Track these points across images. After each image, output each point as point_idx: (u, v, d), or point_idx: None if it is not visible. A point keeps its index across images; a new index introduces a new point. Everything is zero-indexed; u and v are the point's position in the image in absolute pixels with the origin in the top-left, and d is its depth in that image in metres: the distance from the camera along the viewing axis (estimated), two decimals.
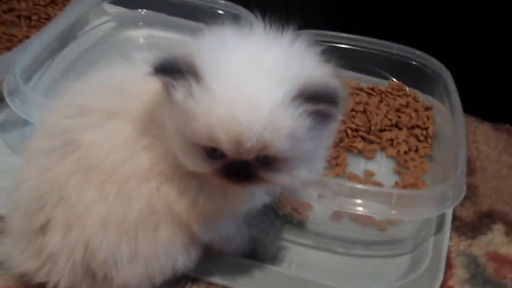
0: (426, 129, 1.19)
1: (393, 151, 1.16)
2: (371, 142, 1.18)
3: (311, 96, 0.63)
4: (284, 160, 0.67)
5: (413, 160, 1.14)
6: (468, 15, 1.25)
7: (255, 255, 0.95)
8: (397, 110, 1.24)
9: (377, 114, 1.21)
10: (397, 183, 1.10)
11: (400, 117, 1.22)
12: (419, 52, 1.26)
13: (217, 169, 0.68)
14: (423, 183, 1.08)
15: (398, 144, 1.17)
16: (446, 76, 1.20)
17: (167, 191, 0.75)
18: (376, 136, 1.18)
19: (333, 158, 1.12)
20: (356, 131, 1.18)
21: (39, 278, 0.79)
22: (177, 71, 0.63)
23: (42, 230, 0.76)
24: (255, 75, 0.64)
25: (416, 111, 1.23)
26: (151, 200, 0.74)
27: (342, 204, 0.90)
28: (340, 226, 1.02)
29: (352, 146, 1.16)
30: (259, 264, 0.92)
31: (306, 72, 0.66)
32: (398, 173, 1.13)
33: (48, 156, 0.75)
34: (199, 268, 0.86)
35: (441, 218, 1.03)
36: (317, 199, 0.91)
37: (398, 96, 1.27)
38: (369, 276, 0.96)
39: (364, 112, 1.22)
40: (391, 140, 1.18)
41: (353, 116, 1.20)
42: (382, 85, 1.31)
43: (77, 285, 0.78)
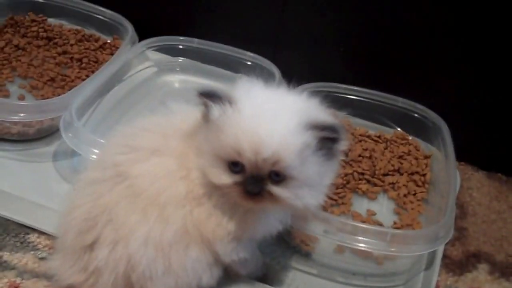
0: (424, 175, 1.28)
1: (394, 194, 1.25)
2: (375, 185, 1.27)
3: (316, 126, 0.79)
4: (292, 180, 0.80)
5: (411, 203, 1.23)
6: (467, 76, 1.36)
7: (267, 279, 1.04)
8: (400, 157, 1.34)
9: (382, 160, 1.31)
10: (395, 223, 1.19)
11: (402, 164, 1.31)
12: (421, 106, 1.37)
13: (236, 182, 0.81)
14: (418, 224, 1.18)
15: (399, 188, 1.26)
16: (444, 128, 1.30)
17: (198, 214, 0.86)
18: (380, 180, 1.28)
19: (340, 198, 1.22)
20: (362, 174, 1.28)
21: None
22: (217, 97, 0.81)
23: (91, 247, 0.87)
24: (276, 107, 0.81)
25: (417, 159, 1.33)
26: (185, 223, 0.85)
27: (345, 240, 1.01)
28: (343, 259, 1.10)
29: (358, 188, 1.26)
30: None
31: (314, 111, 0.84)
32: (397, 214, 1.22)
33: (101, 185, 0.88)
34: (219, 287, 0.94)
35: (432, 256, 1.12)
36: (323, 234, 1.03)
37: (401, 144, 1.37)
38: None
39: (370, 158, 1.32)
40: (393, 184, 1.28)
41: (360, 161, 1.31)
42: (388, 133, 1.41)
43: None
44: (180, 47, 1.58)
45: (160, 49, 1.57)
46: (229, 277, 0.97)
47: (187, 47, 1.57)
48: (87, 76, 1.43)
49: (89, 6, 1.65)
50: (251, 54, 1.50)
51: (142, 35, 1.56)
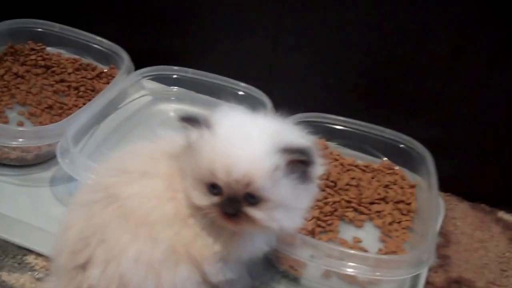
0: (409, 204, 1.31)
1: (380, 222, 1.28)
2: (361, 213, 1.30)
3: (286, 148, 0.83)
4: (266, 202, 0.83)
5: (396, 231, 1.26)
6: (453, 109, 1.40)
7: None
8: (386, 186, 1.37)
9: (368, 189, 1.34)
10: (381, 250, 1.21)
11: (388, 193, 1.34)
12: (407, 137, 1.40)
13: (214, 204, 0.84)
14: (402, 251, 1.20)
15: (384, 216, 1.29)
16: (428, 159, 1.33)
17: (186, 234, 0.88)
18: (366, 208, 1.30)
19: (328, 225, 1.25)
20: (349, 202, 1.31)
21: None
22: (195, 121, 0.86)
23: (83, 267, 0.87)
24: (250, 130, 0.84)
25: (402, 188, 1.36)
26: (174, 242, 0.87)
27: (332, 265, 1.05)
28: (329, 283, 1.12)
29: (345, 215, 1.28)
30: None
31: (288, 135, 0.87)
32: (383, 241, 1.24)
33: (92, 207, 0.90)
34: None
35: (415, 282, 1.15)
36: (310, 259, 1.06)
37: (388, 174, 1.41)
38: None
39: (357, 187, 1.35)
40: (379, 212, 1.30)
41: (347, 189, 1.34)
42: (375, 163, 1.44)
43: None
44: (175, 77, 1.61)
45: (156, 79, 1.60)
46: None
47: (182, 77, 1.61)
48: (84, 104, 1.45)
49: (87, 36, 1.68)
50: (244, 85, 1.54)
51: (138, 65, 1.58)
